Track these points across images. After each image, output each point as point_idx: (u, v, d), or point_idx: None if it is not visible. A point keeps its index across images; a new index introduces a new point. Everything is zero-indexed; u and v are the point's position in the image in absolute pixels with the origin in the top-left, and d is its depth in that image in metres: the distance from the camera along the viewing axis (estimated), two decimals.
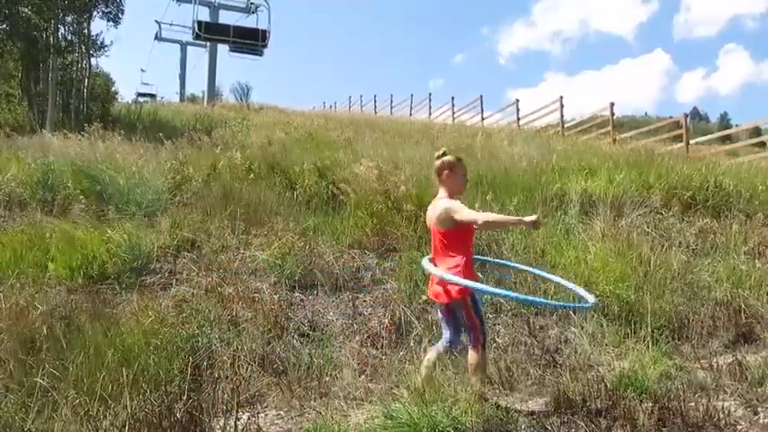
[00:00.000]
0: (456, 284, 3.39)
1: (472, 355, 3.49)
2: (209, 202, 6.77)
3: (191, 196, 7.06)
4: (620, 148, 12.19)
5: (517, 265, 4.86)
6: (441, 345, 3.64)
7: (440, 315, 3.73)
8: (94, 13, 17.57)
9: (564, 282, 3.96)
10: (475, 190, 7.10)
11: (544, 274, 4.40)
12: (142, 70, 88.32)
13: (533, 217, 3.36)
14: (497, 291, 4.16)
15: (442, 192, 3.63)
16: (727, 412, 3.27)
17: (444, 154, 3.68)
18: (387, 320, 4.84)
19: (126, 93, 56.67)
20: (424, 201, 6.43)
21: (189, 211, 6.47)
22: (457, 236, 3.49)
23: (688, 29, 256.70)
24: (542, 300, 4.71)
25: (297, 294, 5.24)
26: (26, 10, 15.38)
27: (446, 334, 3.66)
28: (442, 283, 3.49)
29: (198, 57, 48.87)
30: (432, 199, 3.76)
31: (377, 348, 4.56)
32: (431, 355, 3.60)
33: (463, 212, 3.42)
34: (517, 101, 20.57)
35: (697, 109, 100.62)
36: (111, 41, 22.32)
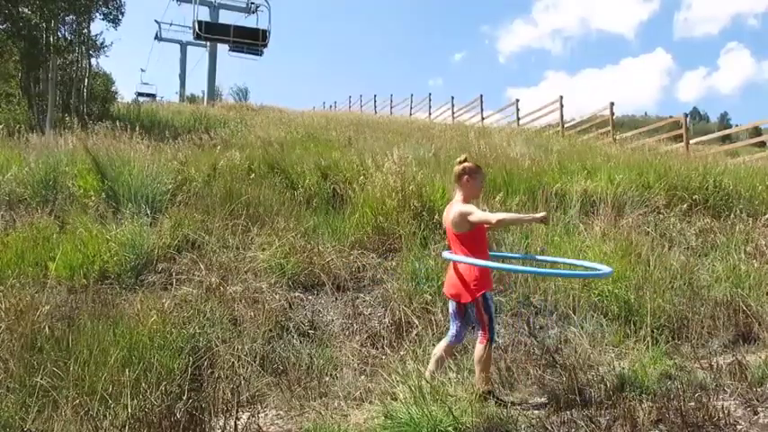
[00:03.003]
0: (475, 278, 3.59)
1: (479, 349, 3.62)
2: (209, 202, 6.77)
3: (191, 196, 7.06)
4: (620, 148, 12.19)
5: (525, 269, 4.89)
6: (447, 339, 3.76)
7: (451, 310, 3.82)
8: (95, 14, 17.58)
9: (571, 260, 4.40)
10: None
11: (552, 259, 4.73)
12: (142, 70, 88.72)
13: (542, 213, 3.63)
14: (517, 268, 4.61)
15: (459, 195, 3.75)
16: (727, 412, 3.27)
17: (465, 160, 3.82)
18: (387, 320, 4.84)
19: (126, 93, 56.76)
20: (429, 199, 6.45)
21: (190, 211, 6.46)
22: (471, 238, 3.64)
23: (688, 27, 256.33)
24: (558, 271, 4.80)
25: (297, 294, 5.24)
26: (26, 10, 15.37)
27: (453, 329, 3.77)
28: (460, 283, 3.64)
29: (198, 57, 48.93)
30: (433, 193, 3.80)
31: (377, 348, 4.57)
32: (438, 349, 3.73)
33: (476, 214, 3.58)
34: (517, 101, 20.61)
35: (697, 109, 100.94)
36: (112, 42, 22.32)
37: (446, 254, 3.79)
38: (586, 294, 5.13)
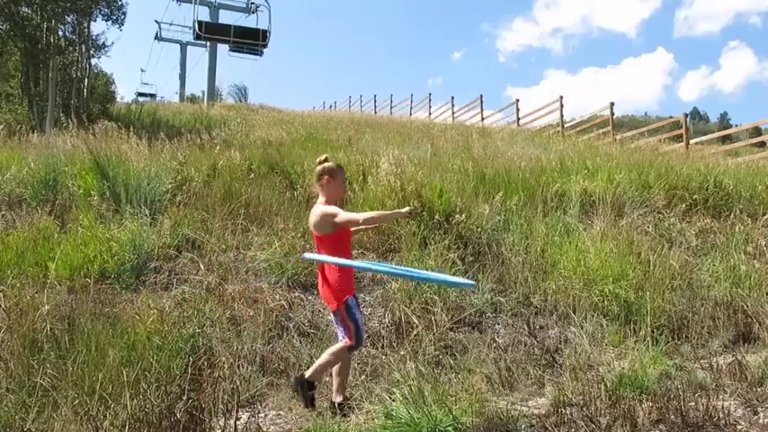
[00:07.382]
0: (337, 284, 3.55)
1: (338, 350, 3.59)
2: (209, 202, 6.77)
3: (191, 196, 7.06)
4: (621, 148, 12.18)
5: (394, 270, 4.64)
6: (339, 344, 3.67)
7: (332, 316, 3.80)
8: (96, 14, 17.60)
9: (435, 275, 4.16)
10: (478, 189, 7.11)
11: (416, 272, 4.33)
12: (142, 70, 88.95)
13: (408, 208, 3.64)
14: (379, 268, 4.35)
15: (321, 197, 3.69)
16: (727, 412, 3.27)
17: (326, 160, 3.75)
18: (387, 320, 4.84)
19: (126, 93, 56.83)
20: (428, 199, 6.45)
21: (189, 211, 6.46)
22: (334, 240, 3.58)
23: (689, 25, 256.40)
24: (426, 275, 4.31)
25: (297, 294, 5.24)
26: (27, 10, 15.39)
27: (339, 335, 3.71)
28: (327, 288, 3.60)
29: (198, 57, 48.99)
30: (432, 194, 3.78)
31: (377, 348, 4.57)
32: (333, 349, 3.64)
33: (342, 215, 3.51)
34: (517, 101, 20.64)
35: (697, 109, 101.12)
36: (112, 42, 22.36)
37: (307, 254, 3.83)
38: (586, 294, 5.13)
